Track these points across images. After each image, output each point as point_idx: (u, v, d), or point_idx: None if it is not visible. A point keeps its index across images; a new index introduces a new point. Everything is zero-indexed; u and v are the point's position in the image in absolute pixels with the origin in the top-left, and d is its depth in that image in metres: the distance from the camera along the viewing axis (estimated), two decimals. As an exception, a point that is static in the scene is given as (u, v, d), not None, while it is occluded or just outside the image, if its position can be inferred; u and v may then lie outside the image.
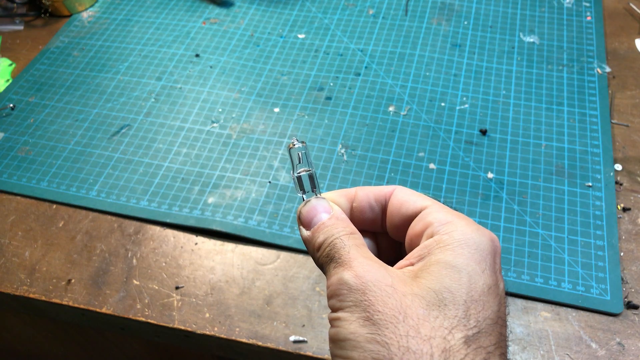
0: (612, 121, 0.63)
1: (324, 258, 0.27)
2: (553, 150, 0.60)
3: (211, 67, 0.73)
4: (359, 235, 0.27)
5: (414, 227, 0.27)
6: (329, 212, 0.28)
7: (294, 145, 0.31)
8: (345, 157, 0.61)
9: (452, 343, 0.21)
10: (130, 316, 0.50)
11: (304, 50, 0.74)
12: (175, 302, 0.51)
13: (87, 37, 0.78)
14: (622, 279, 0.50)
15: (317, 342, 0.48)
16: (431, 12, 0.78)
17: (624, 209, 0.55)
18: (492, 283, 0.23)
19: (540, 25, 0.74)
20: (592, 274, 0.51)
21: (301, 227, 0.29)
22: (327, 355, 0.47)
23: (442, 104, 0.66)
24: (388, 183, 0.58)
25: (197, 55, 0.74)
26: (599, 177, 0.58)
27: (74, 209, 0.59)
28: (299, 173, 0.31)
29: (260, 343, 0.48)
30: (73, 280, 0.53)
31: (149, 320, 0.50)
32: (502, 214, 0.55)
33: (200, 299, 0.51)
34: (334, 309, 0.24)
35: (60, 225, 0.58)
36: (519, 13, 0.76)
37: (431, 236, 0.25)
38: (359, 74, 0.70)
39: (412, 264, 0.25)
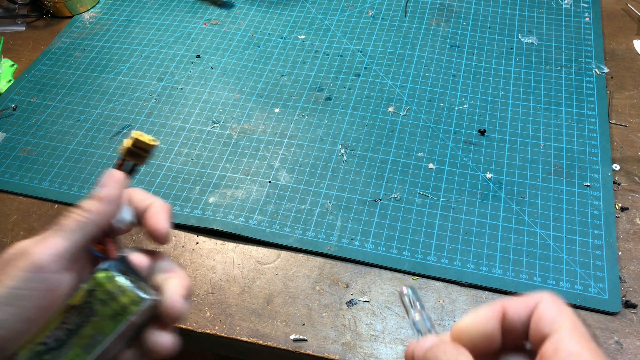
0: (610, 121, 0.64)
1: None
2: (551, 150, 0.61)
3: (212, 67, 0.73)
4: (467, 353, 0.27)
5: (545, 351, 0.26)
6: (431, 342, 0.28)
7: (404, 293, 0.32)
8: (345, 157, 0.61)
9: None
10: (132, 315, 0.51)
11: (304, 51, 0.74)
12: (176, 301, 0.51)
13: (89, 38, 0.79)
14: (620, 278, 0.51)
15: (317, 341, 0.48)
16: (430, 13, 0.78)
17: (622, 209, 0.56)
18: None
19: (539, 26, 0.75)
20: (591, 273, 0.51)
21: None
22: (327, 353, 0.48)
23: (441, 104, 0.66)
24: (387, 183, 0.59)
25: (197, 56, 0.75)
26: (597, 177, 0.58)
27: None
28: (414, 317, 0.31)
29: (260, 342, 0.49)
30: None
31: (150, 319, 0.50)
32: (501, 213, 0.56)
33: (201, 297, 0.52)
34: None
35: (62, 224, 0.58)
36: (518, 14, 0.77)
37: None
38: (358, 75, 0.70)
39: None
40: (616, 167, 0.59)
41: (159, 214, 0.34)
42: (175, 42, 0.77)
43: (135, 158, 0.34)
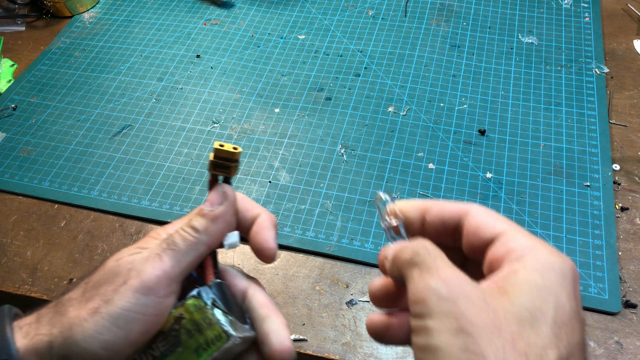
0: (610, 121, 0.64)
1: (403, 262, 0.26)
2: (551, 150, 0.61)
3: (212, 67, 0.73)
4: (439, 249, 0.27)
5: (495, 252, 0.26)
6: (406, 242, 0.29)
7: (381, 198, 0.31)
8: (345, 157, 0.61)
9: None
10: (132, 315, 0.51)
11: (304, 51, 0.74)
12: (176, 301, 0.51)
13: (89, 38, 0.79)
14: (621, 278, 0.51)
15: (317, 341, 0.48)
16: (430, 13, 0.78)
17: (622, 209, 0.56)
18: (576, 309, 0.23)
19: (539, 26, 0.75)
20: (591, 273, 0.51)
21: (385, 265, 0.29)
22: (327, 353, 0.48)
23: (441, 104, 0.66)
24: (387, 183, 0.59)
25: (197, 56, 0.75)
26: (597, 177, 0.58)
27: (75, 209, 0.59)
28: (387, 224, 0.30)
29: (260, 341, 0.48)
30: (75, 280, 0.54)
31: (150, 319, 0.50)
32: (501, 213, 0.55)
33: (201, 298, 0.52)
34: (419, 316, 0.24)
35: (62, 224, 0.58)
36: (518, 14, 0.77)
37: (515, 261, 0.25)
38: (358, 75, 0.70)
39: (497, 284, 0.25)
40: (616, 167, 0.59)
41: (267, 230, 0.32)
42: (175, 42, 0.77)
43: (223, 170, 0.31)
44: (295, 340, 0.48)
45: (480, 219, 0.28)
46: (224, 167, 0.31)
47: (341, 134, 0.64)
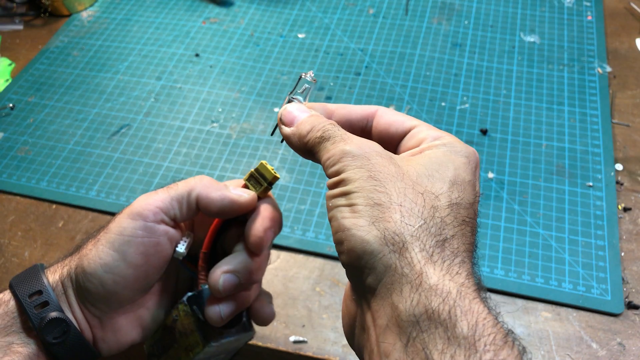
0: (613, 121, 0.63)
1: (315, 140, 0.30)
2: (554, 150, 0.60)
3: (211, 66, 0.73)
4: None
5: (406, 144, 0.30)
6: (310, 113, 0.32)
7: (305, 76, 0.34)
8: (345, 157, 0.61)
9: (438, 204, 0.26)
10: (130, 316, 0.50)
11: (304, 49, 0.74)
12: (175, 303, 0.51)
13: (87, 37, 0.78)
14: (623, 279, 0.50)
15: (317, 343, 0.48)
16: (431, 12, 0.77)
17: (625, 209, 0.55)
18: (473, 181, 0.28)
19: (541, 25, 0.74)
20: (593, 274, 0.50)
21: (282, 125, 0.32)
22: (327, 355, 0.47)
23: (443, 104, 0.66)
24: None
25: (197, 55, 0.74)
26: (599, 177, 0.57)
27: (73, 209, 0.59)
28: (292, 98, 0.33)
29: (260, 343, 0.48)
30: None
31: (148, 321, 0.50)
32: (503, 214, 0.55)
33: (200, 299, 0.51)
34: (336, 173, 0.28)
35: (60, 225, 0.58)
36: (520, 13, 0.76)
37: (425, 145, 0.29)
38: (359, 74, 0.70)
39: (406, 157, 0.29)
40: (619, 167, 0.59)
41: (261, 220, 0.35)
42: (174, 41, 0.76)
43: (256, 184, 0.35)
44: (295, 342, 0.48)
45: (390, 117, 0.31)
46: (258, 182, 0.35)
47: (341, 134, 0.63)
